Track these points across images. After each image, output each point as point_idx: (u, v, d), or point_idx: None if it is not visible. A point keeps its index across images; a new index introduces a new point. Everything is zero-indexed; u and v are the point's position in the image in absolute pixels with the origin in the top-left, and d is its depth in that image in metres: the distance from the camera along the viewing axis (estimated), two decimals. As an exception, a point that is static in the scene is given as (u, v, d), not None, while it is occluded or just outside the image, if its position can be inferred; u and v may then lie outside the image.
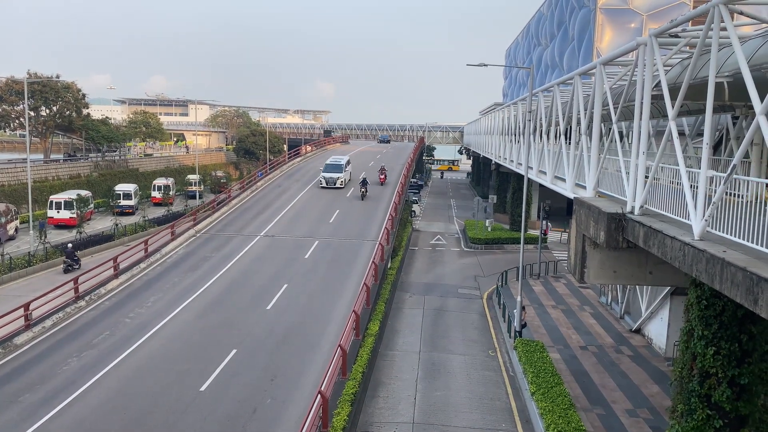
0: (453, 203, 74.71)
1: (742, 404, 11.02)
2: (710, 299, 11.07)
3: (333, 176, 51.34)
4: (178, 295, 26.69)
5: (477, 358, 24.11)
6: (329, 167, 52.46)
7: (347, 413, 16.60)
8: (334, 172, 51.77)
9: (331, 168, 52.41)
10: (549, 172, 25.58)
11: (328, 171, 51.87)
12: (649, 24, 58.24)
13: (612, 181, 16.74)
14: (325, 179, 51.26)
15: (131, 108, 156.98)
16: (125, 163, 76.70)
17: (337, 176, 51.35)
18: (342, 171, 51.93)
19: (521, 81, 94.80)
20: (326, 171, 51.93)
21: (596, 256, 14.55)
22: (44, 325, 22.98)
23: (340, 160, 53.99)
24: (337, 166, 52.62)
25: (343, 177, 51.59)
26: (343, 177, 51.77)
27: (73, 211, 46.75)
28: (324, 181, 51.22)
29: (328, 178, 51.26)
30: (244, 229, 38.59)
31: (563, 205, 51.90)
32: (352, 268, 30.87)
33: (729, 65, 12.63)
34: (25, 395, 17.70)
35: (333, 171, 51.97)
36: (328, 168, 52.27)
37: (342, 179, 51.43)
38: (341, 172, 51.74)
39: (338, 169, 51.99)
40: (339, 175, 51.41)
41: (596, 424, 18.44)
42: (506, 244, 46.78)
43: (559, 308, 31.01)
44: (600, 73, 16.90)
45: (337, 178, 51.23)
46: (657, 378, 22.02)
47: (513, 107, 41.49)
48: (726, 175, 9.47)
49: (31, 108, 64.95)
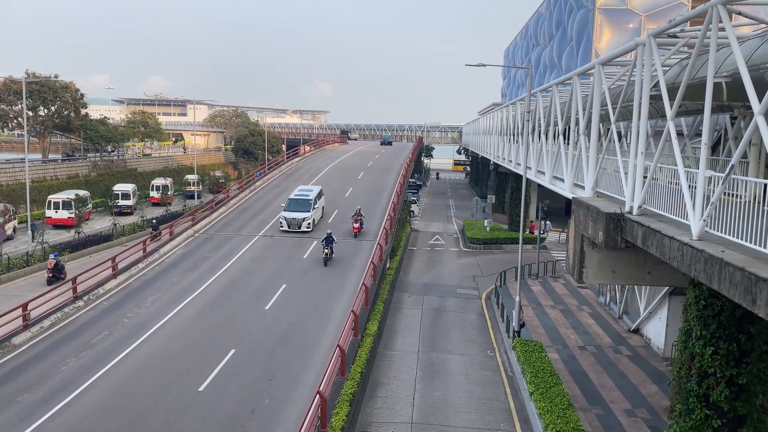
0: (451, 203, 74.73)
1: (741, 404, 11.03)
2: (708, 299, 11.09)
3: (297, 217, 37.44)
4: (176, 295, 26.67)
5: (476, 358, 24.11)
6: (293, 203, 38.45)
7: (346, 413, 16.60)
8: (299, 211, 37.81)
9: (295, 205, 38.32)
10: (547, 172, 25.59)
11: (291, 209, 38.09)
12: (648, 24, 58.32)
13: (610, 181, 16.76)
14: (286, 221, 37.57)
15: (129, 108, 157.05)
16: (123, 163, 76.68)
17: (303, 217, 37.45)
18: (310, 209, 38.08)
19: (520, 81, 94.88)
20: (289, 209, 38.17)
21: (595, 256, 14.55)
22: (42, 325, 22.94)
23: (308, 194, 39.48)
24: (304, 201, 38.48)
25: (311, 217, 37.87)
26: (312, 217, 38.00)
27: (72, 211, 46.76)
28: (285, 222, 37.62)
29: (291, 219, 37.44)
30: (242, 229, 38.57)
31: (562, 205, 51.98)
32: (350, 268, 30.86)
33: (727, 65, 12.64)
34: (24, 395, 17.67)
35: (298, 209, 37.98)
36: (292, 204, 38.43)
37: (309, 221, 37.61)
38: (308, 210, 37.92)
39: (305, 206, 38.11)
40: (305, 216, 37.51)
41: (595, 424, 18.45)
42: (505, 244, 46.79)
43: (557, 308, 31.03)
44: (598, 74, 16.90)
45: (302, 219, 37.34)
46: (655, 378, 22.04)
47: (512, 107, 41.51)
48: (724, 176, 9.48)
49: (29, 108, 64.89)
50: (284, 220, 37.66)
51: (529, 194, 49.80)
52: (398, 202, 44.25)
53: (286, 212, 37.92)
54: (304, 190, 40.60)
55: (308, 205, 38.29)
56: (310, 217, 37.82)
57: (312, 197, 38.95)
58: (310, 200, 38.64)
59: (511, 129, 41.54)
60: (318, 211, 39.82)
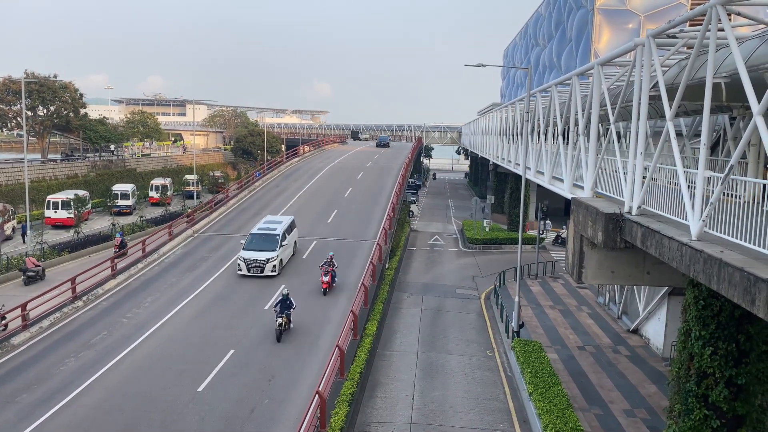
0: (451, 203, 74.72)
1: (740, 404, 11.04)
2: (708, 299, 11.09)
3: (260, 257, 29.02)
4: (176, 296, 26.67)
5: (475, 359, 24.12)
6: (256, 240, 30.07)
7: (345, 413, 16.61)
8: (262, 249, 29.47)
9: (258, 241, 29.98)
10: (547, 172, 25.60)
11: (252, 246, 29.72)
12: (647, 25, 58.34)
13: (610, 181, 16.77)
14: (245, 262, 29.08)
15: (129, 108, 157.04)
16: (123, 163, 76.61)
17: (267, 257, 29.08)
18: (276, 246, 29.60)
19: (519, 81, 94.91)
20: (250, 246, 29.77)
21: (594, 257, 14.56)
22: (41, 325, 22.93)
23: (275, 227, 31.10)
24: (269, 237, 30.06)
25: (277, 257, 29.35)
26: (279, 257, 29.54)
27: (71, 211, 46.71)
28: (244, 265, 29.13)
29: (251, 260, 28.93)
30: (242, 229, 38.56)
31: (561, 205, 52.00)
32: (350, 269, 30.86)
33: (726, 66, 12.66)
34: (23, 395, 17.66)
35: (261, 246, 29.65)
36: (255, 241, 29.99)
37: (275, 262, 29.14)
38: (275, 249, 29.48)
39: (270, 243, 29.72)
40: (270, 256, 29.15)
41: (594, 424, 18.46)
42: (504, 245, 46.81)
43: (556, 308, 31.04)
44: (598, 74, 16.91)
45: (266, 261, 28.91)
46: (654, 378, 22.06)
47: (511, 108, 41.51)
48: (723, 176, 9.48)
49: (28, 108, 64.85)
50: (242, 262, 29.03)
51: (529, 194, 49.82)
52: (397, 202, 44.27)
53: (245, 251, 29.38)
54: (272, 222, 32.40)
55: (274, 242, 29.67)
56: (276, 257, 29.23)
57: (280, 231, 30.57)
58: (276, 235, 30.03)
59: (510, 129, 41.55)
60: (287, 248, 31.45)
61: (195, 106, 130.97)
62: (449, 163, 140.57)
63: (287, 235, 31.66)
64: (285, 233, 31.21)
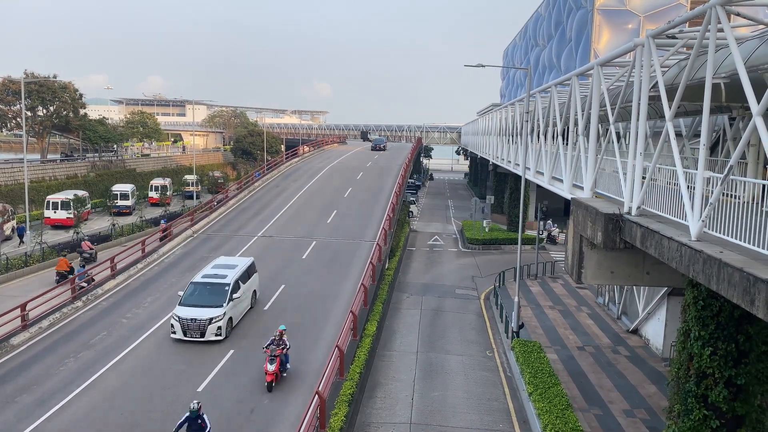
0: (450, 204, 74.72)
1: (739, 404, 11.04)
2: (707, 300, 11.10)
3: (200, 316, 21.59)
4: (175, 296, 26.61)
5: (474, 359, 24.12)
6: (198, 291, 22.75)
7: (344, 414, 16.61)
8: (204, 305, 22.01)
9: (200, 293, 22.61)
10: (546, 172, 25.61)
11: (192, 301, 22.31)
12: (647, 25, 58.38)
13: (609, 181, 16.78)
14: (180, 322, 21.68)
15: (128, 108, 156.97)
16: (122, 163, 76.59)
17: (210, 316, 21.64)
18: (224, 300, 22.16)
19: (519, 82, 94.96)
20: (188, 301, 22.37)
21: (593, 257, 14.57)
22: (41, 325, 22.92)
23: (226, 273, 23.62)
24: (216, 288, 22.75)
25: (224, 316, 21.95)
26: (227, 315, 22.17)
27: (70, 211, 46.69)
28: (178, 326, 21.70)
29: (188, 321, 21.59)
30: (241, 229, 38.56)
31: (560, 205, 51.97)
32: (349, 269, 30.87)
33: (726, 66, 12.66)
34: (22, 396, 17.66)
35: (203, 301, 22.21)
36: (196, 293, 22.64)
37: (221, 323, 21.77)
38: (221, 305, 22.01)
39: (215, 297, 22.36)
40: (215, 315, 21.72)
41: (593, 425, 18.47)
42: (504, 245, 46.83)
43: (556, 309, 31.05)
44: (597, 74, 16.93)
45: (207, 322, 21.57)
46: (654, 378, 22.07)
47: (510, 108, 41.52)
48: (723, 176, 9.49)
49: (28, 108, 64.82)
50: (176, 322, 21.50)
51: (528, 195, 49.83)
52: (397, 202, 44.27)
53: (182, 308, 21.85)
54: (223, 267, 24.43)
55: (222, 295, 22.18)
56: (223, 315, 21.59)
57: (231, 279, 23.00)
58: (225, 286, 22.55)
59: (510, 129, 41.57)
60: (241, 302, 23.43)
61: (195, 107, 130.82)
62: (449, 164, 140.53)
63: (241, 284, 23.67)
64: (238, 282, 23.45)
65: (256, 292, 26.16)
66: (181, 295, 23.02)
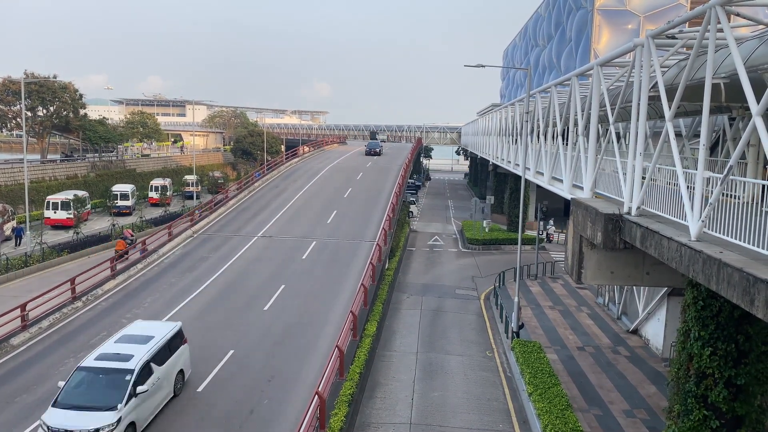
0: (450, 204, 74.72)
1: (739, 405, 11.04)
2: (707, 300, 11.10)
3: (80, 426, 14.15)
4: (175, 296, 26.66)
5: (474, 359, 24.12)
6: (85, 382, 15.46)
7: (344, 414, 16.60)
8: (89, 407, 14.67)
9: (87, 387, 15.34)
10: (546, 173, 25.61)
11: (72, 400, 14.94)
12: (647, 25, 58.39)
13: (609, 182, 16.77)
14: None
15: (128, 108, 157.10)
16: (122, 163, 76.62)
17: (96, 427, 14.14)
18: (121, 398, 14.81)
19: (519, 82, 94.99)
20: (67, 398, 15.00)
21: (593, 257, 14.57)
22: (41, 325, 22.92)
23: (130, 354, 16.14)
24: (112, 378, 15.41)
25: (121, 423, 14.49)
26: (124, 421, 14.63)
27: (70, 211, 46.71)
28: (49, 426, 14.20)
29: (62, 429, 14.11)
30: (241, 229, 38.57)
31: (560, 206, 51.98)
32: (349, 269, 30.87)
33: (726, 66, 12.66)
34: (22, 396, 17.66)
35: (89, 400, 14.89)
36: (82, 386, 15.36)
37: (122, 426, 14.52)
38: (115, 406, 14.60)
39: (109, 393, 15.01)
40: (104, 422, 14.24)
41: (593, 425, 18.46)
42: (504, 245, 46.83)
43: (556, 309, 31.04)
44: (597, 74, 16.93)
45: None
46: (654, 378, 22.06)
47: (510, 108, 41.52)
48: (723, 176, 9.49)
49: (28, 108, 64.85)
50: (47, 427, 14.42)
51: (528, 195, 49.84)
52: (397, 202, 44.28)
53: (55, 411, 14.82)
54: (131, 341, 17.12)
55: (119, 388, 15.27)
56: (116, 424, 14.49)
57: (137, 362, 15.98)
58: (127, 373, 15.61)
59: (509, 130, 41.57)
60: (155, 394, 16.34)
61: (195, 107, 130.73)
62: (449, 164, 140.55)
63: (156, 366, 16.54)
64: (149, 365, 16.26)
65: (184, 372, 18.20)
66: (61, 387, 15.45)
